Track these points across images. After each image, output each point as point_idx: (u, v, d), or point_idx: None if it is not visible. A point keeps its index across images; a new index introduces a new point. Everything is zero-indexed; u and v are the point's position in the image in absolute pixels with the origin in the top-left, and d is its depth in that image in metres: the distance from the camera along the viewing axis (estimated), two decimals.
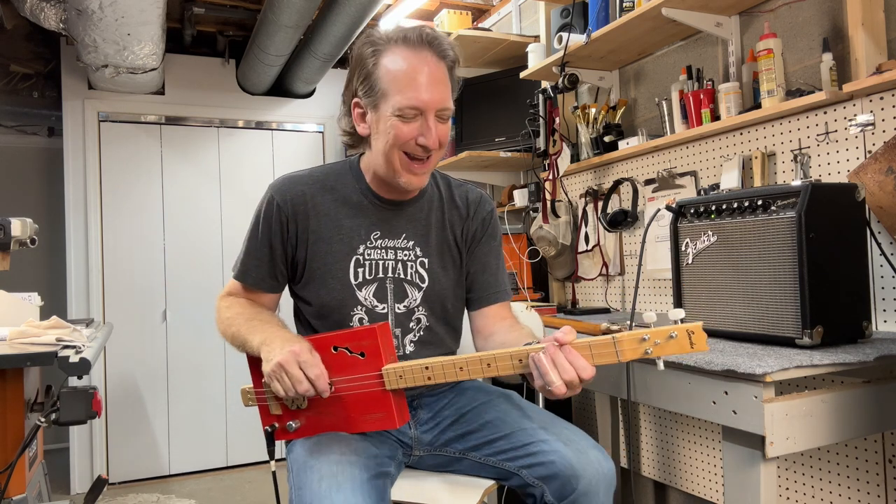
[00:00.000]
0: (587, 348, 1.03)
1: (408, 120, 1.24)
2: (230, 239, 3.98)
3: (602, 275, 2.55)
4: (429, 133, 1.24)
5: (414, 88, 1.22)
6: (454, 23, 3.22)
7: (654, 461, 2.39)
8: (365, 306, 1.34)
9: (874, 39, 1.62)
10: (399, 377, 1.16)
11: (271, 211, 1.35)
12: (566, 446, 1.22)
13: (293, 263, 1.37)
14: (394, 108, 1.23)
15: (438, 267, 1.40)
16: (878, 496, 1.62)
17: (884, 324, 1.61)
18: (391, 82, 1.23)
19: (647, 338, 0.99)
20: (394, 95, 1.23)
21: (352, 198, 1.37)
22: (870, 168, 1.57)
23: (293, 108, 4.19)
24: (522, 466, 1.26)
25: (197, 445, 3.85)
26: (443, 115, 1.27)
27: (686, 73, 2.12)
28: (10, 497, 1.54)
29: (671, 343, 0.98)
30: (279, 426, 1.27)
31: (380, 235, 1.37)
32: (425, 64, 1.24)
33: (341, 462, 1.16)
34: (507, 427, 1.31)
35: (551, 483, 1.21)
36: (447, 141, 1.30)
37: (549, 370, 1.03)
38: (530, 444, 1.26)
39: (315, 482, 1.12)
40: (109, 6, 2.46)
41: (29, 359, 1.46)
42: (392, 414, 1.18)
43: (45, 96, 3.95)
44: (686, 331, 0.98)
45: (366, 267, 1.35)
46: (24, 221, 1.85)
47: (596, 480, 1.19)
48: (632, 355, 1.01)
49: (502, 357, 1.10)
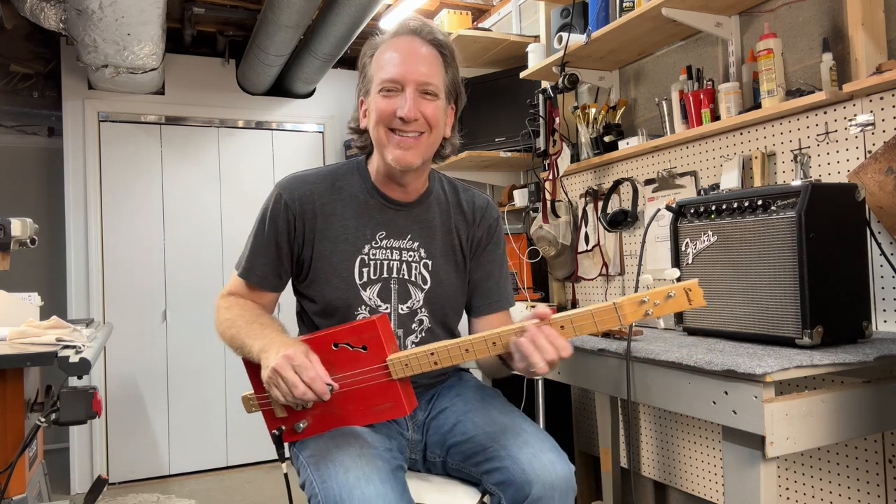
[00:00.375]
0: (590, 316, 1.04)
1: (389, 95, 1.27)
2: (230, 239, 3.98)
3: (602, 275, 2.55)
4: (404, 104, 1.26)
5: (393, 64, 1.27)
6: (454, 23, 3.22)
7: (654, 461, 2.39)
8: (369, 306, 1.34)
9: (874, 39, 1.62)
10: (405, 365, 1.17)
11: (279, 209, 1.34)
12: (520, 450, 1.20)
13: (299, 262, 1.37)
14: (377, 88, 1.28)
15: (442, 269, 1.40)
16: (878, 496, 1.62)
17: (884, 324, 1.61)
18: (376, 67, 1.30)
19: (646, 300, 1.01)
20: (377, 76, 1.29)
21: (358, 197, 1.37)
22: (870, 168, 1.57)
23: (293, 108, 4.19)
24: (483, 472, 1.25)
25: (197, 445, 3.85)
26: (426, 89, 1.28)
27: (686, 73, 2.12)
28: (10, 497, 1.54)
29: (670, 302, 1.00)
30: (286, 428, 1.27)
31: (385, 235, 1.37)
32: (406, 44, 1.29)
33: (364, 455, 1.15)
34: (471, 431, 1.29)
35: (506, 490, 1.19)
36: (436, 118, 1.30)
37: (532, 352, 1.06)
38: (489, 449, 1.24)
39: (341, 474, 1.10)
40: (109, 6, 2.46)
41: (29, 359, 1.46)
42: (401, 402, 1.19)
43: (45, 96, 3.95)
44: (683, 289, 1.00)
45: (370, 267, 1.35)
46: (24, 221, 1.85)
47: (550, 485, 1.17)
48: (633, 318, 1.02)
49: (490, 338, 1.13)
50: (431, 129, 1.30)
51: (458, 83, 1.37)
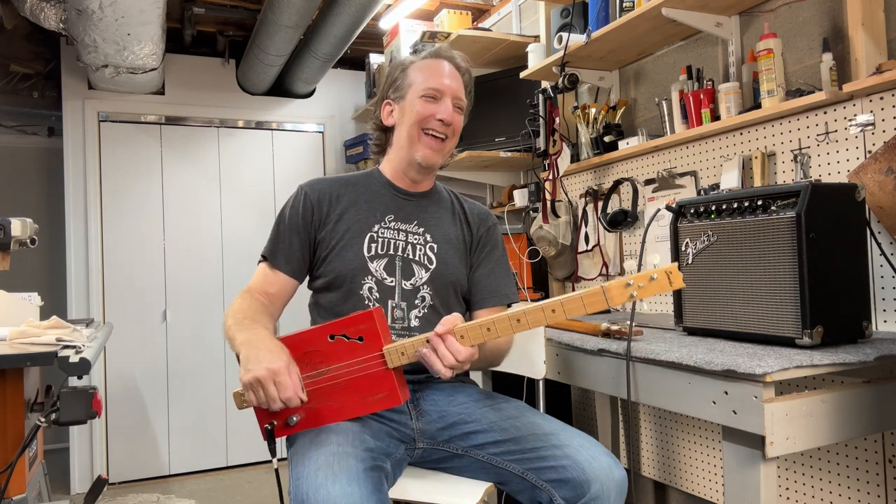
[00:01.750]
0: (579, 300, 1.10)
1: (429, 101, 1.49)
2: (230, 239, 3.98)
3: (602, 275, 2.55)
4: (446, 110, 1.49)
5: (437, 76, 1.51)
6: (454, 23, 3.21)
7: (654, 461, 2.39)
8: (375, 277, 1.47)
9: (874, 39, 1.62)
10: (401, 354, 1.21)
11: (299, 200, 1.53)
12: (578, 451, 1.25)
13: (316, 243, 1.52)
14: (419, 92, 1.50)
15: (447, 254, 1.54)
16: (878, 496, 1.62)
17: (884, 324, 1.61)
18: (418, 75, 1.52)
19: (630, 283, 1.08)
20: (420, 83, 1.50)
21: (371, 188, 1.57)
22: (870, 168, 1.57)
23: (293, 108, 4.19)
24: (530, 469, 1.28)
25: (197, 445, 3.85)
26: (458, 104, 1.52)
27: (686, 73, 2.12)
28: (10, 497, 1.54)
29: (653, 284, 1.07)
30: (278, 423, 1.27)
31: (394, 219, 1.53)
32: (445, 64, 1.54)
33: (338, 453, 1.18)
34: (516, 430, 1.34)
35: (561, 487, 1.24)
36: (459, 129, 1.54)
37: (433, 361, 1.18)
38: (541, 448, 1.29)
39: (312, 473, 1.14)
40: (109, 6, 2.46)
41: (29, 359, 1.46)
42: (396, 391, 1.22)
43: (45, 96, 3.95)
44: (665, 272, 1.07)
45: (378, 243, 1.50)
46: (24, 221, 1.85)
47: (608, 487, 1.22)
48: (620, 300, 1.09)
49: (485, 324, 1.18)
50: (454, 137, 1.54)
51: (470, 105, 1.60)
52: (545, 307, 1.12)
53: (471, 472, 1.38)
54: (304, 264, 1.52)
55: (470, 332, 1.18)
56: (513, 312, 1.15)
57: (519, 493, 1.32)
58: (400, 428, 1.40)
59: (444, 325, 1.19)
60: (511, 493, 1.35)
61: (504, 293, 1.58)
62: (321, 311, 1.52)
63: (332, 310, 1.47)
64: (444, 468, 1.42)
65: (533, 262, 2.78)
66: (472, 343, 1.18)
